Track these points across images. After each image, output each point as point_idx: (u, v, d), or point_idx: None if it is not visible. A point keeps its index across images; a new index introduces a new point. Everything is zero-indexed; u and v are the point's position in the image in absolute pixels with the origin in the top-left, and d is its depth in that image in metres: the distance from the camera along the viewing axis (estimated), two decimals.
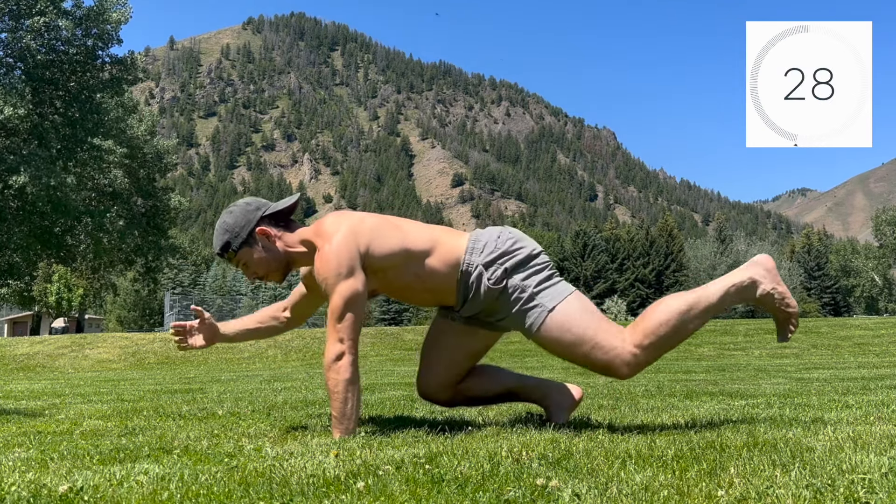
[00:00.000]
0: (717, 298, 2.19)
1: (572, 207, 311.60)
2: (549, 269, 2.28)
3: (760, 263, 2.26)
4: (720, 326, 19.44)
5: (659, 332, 2.15)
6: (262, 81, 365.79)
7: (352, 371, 2.13)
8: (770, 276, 2.23)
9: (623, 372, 2.18)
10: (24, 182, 18.49)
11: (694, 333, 2.30)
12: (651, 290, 53.46)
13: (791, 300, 2.24)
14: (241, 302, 59.60)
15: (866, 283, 63.01)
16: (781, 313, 2.25)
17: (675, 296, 2.23)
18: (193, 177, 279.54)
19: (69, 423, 2.84)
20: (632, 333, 2.18)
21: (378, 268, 2.21)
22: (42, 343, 17.21)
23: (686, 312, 2.17)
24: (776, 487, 1.31)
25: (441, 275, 2.25)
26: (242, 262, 2.33)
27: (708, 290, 2.21)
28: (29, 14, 19.60)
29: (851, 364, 8.30)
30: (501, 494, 1.33)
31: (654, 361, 2.25)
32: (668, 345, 2.19)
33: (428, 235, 2.28)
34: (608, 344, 2.16)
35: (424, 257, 2.24)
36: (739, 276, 2.23)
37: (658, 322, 2.15)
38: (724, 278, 2.25)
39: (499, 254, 2.24)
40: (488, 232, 2.31)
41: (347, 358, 2.13)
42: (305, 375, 7.82)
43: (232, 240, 2.30)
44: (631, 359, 2.16)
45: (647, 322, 2.18)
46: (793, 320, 2.26)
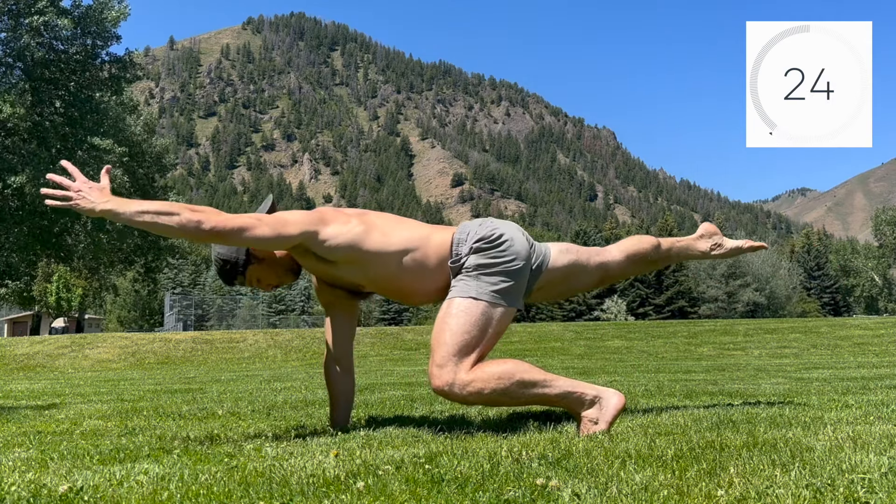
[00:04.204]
0: (555, 393, 2.14)
1: (572, 207, 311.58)
2: (508, 263, 2.24)
3: (613, 405, 2.16)
4: (720, 326, 19.44)
5: (489, 385, 2.09)
6: (261, 81, 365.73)
7: (212, 226, 2.05)
8: (603, 420, 2.14)
9: (435, 383, 2.13)
10: (23, 181, 18.48)
11: (524, 405, 2.25)
12: (651, 290, 53.43)
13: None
14: (241, 302, 59.61)
15: (866, 283, 62.99)
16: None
17: (528, 367, 2.16)
18: (193, 177, 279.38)
19: (69, 423, 2.84)
20: (472, 369, 2.13)
21: (356, 260, 2.22)
22: (42, 343, 17.20)
23: (525, 384, 2.11)
24: (776, 487, 1.31)
25: (433, 268, 2.28)
26: (255, 278, 2.37)
27: (557, 381, 2.15)
28: (28, 13, 19.59)
29: (851, 364, 8.30)
30: (501, 494, 1.33)
31: (472, 404, 2.19)
32: (490, 400, 2.12)
33: (418, 233, 2.30)
34: (451, 358, 2.13)
35: (412, 252, 2.25)
36: (590, 390, 2.16)
37: (497, 376, 2.10)
38: (576, 382, 2.19)
39: (476, 238, 2.27)
40: (472, 223, 2.35)
41: (215, 223, 2.06)
42: (305, 375, 7.82)
43: (235, 266, 2.34)
44: (446, 385, 2.11)
45: (489, 369, 2.12)
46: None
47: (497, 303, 2.21)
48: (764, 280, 49.68)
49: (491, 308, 2.20)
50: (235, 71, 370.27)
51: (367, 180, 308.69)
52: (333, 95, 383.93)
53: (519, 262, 2.25)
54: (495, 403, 2.16)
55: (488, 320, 2.20)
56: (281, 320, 58.55)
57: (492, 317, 2.20)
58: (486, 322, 2.19)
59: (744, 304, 48.94)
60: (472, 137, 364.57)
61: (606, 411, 2.13)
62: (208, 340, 17.68)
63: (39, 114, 20.28)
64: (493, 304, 2.20)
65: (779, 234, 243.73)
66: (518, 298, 2.28)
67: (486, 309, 2.19)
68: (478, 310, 2.19)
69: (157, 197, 27.44)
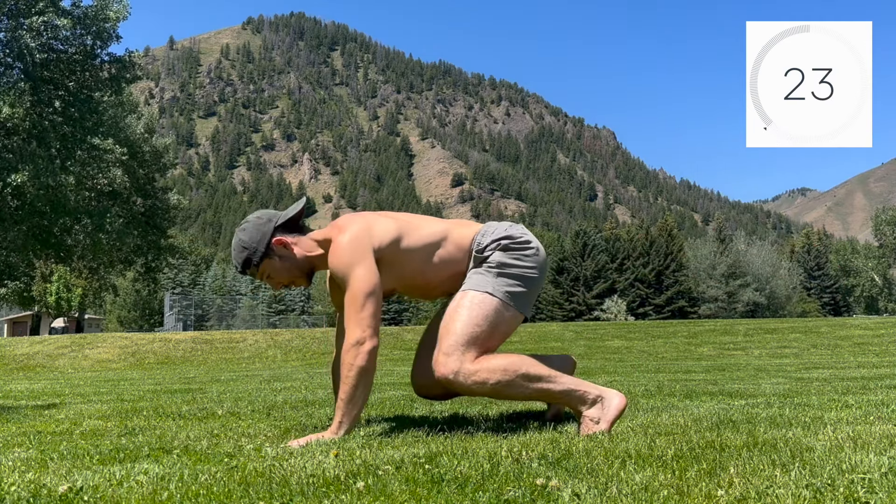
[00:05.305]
0: (559, 389, 2.14)
1: (572, 207, 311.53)
2: (529, 269, 2.27)
3: (615, 406, 2.15)
4: (720, 326, 19.44)
5: (494, 376, 2.10)
6: (261, 81, 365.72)
7: (368, 359, 2.13)
8: (605, 420, 2.13)
9: (441, 371, 2.13)
10: (22, 181, 18.47)
11: (526, 400, 2.26)
12: (651, 289, 53.42)
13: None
14: (241, 302, 59.64)
15: (866, 283, 63.00)
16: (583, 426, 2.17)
17: (534, 362, 2.16)
18: (193, 177, 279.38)
19: (69, 423, 2.84)
20: (478, 359, 2.13)
21: (395, 262, 2.25)
22: (42, 343, 17.20)
23: (530, 378, 2.12)
24: (776, 487, 1.31)
25: (456, 262, 2.31)
26: (266, 274, 2.37)
27: (561, 377, 2.15)
28: (28, 13, 19.57)
29: (851, 364, 8.30)
30: (501, 494, 1.33)
31: (475, 395, 2.19)
32: (494, 391, 2.13)
33: (441, 227, 2.34)
34: (459, 347, 2.13)
35: (438, 249, 2.29)
36: (593, 390, 2.16)
37: (502, 368, 2.11)
38: (580, 380, 2.19)
39: (504, 235, 2.29)
40: (502, 223, 2.38)
41: (368, 344, 2.13)
42: (305, 375, 7.82)
43: (252, 255, 2.34)
44: (451, 374, 2.11)
45: (495, 360, 2.13)
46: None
47: (509, 304, 2.23)
48: (764, 280, 49.68)
49: (503, 307, 2.22)
50: (235, 71, 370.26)
51: (367, 180, 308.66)
52: (333, 95, 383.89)
53: (537, 273, 2.29)
54: (498, 395, 2.16)
55: (499, 318, 2.21)
56: (281, 320, 58.56)
57: (503, 316, 2.22)
58: (497, 319, 2.21)
59: (744, 304, 48.94)
60: (472, 137, 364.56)
61: (608, 411, 2.14)
62: (208, 340, 17.68)
63: (39, 114, 20.26)
64: (505, 304, 2.22)
65: (779, 234, 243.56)
66: (528, 306, 2.30)
67: (499, 306, 2.21)
68: (491, 305, 2.21)
69: (157, 196, 27.45)
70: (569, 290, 54.11)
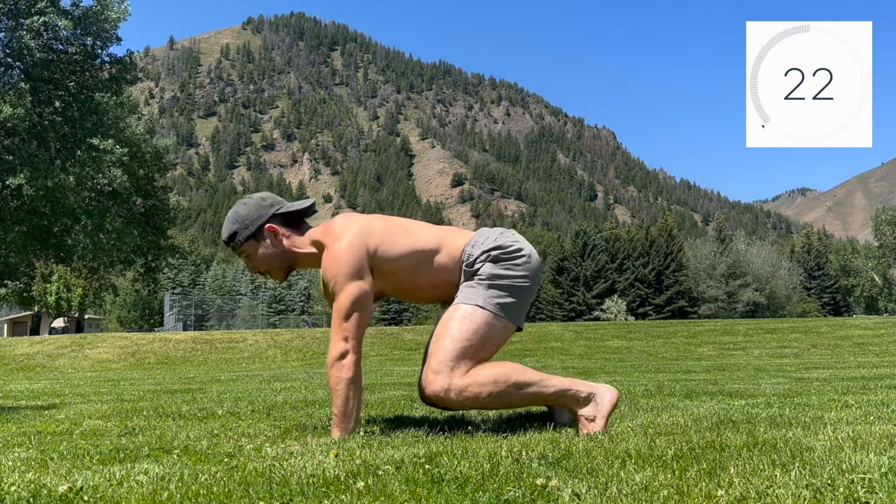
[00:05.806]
0: (550, 392, 2.15)
1: (572, 207, 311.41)
2: (519, 278, 2.25)
3: (608, 401, 2.16)
4: (720, 326, 19.44)
5: (485, 389, 2.10)
6: (261, 81, 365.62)
7: (354, 370, 2.15)
8: (600, 416, 2.14)
9: (431, 389, 2.14)
10: (22, 182, 18.47)
11: (519, 406, 2.27)
12: (651, 289, 53.40)
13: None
14: (241, 302, 59.61)
15: (866, 283, 62.97)
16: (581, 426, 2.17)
17: (523, 368, 2.17)
18: (193, 177, 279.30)
19: (69, 423, 2.84)
20: (468, 373, 2.13)
21: (388, 270, 2.24)
22: (42, 343, 17.20)
23: (520, 385, 2.12)
24: (776, 487, 1.31)
25: (447, 271, 2.29)
26: (246, 253, 2.36)
27: (551, 379, 2.16)
28: (28, 13, 19.57)
29: (851, 364, 8.30)
30: (501, 494, 1.33)
31: (467, 409, 2.23)
32: (487, 404, 2.14)
33: (435, 235, 2.31)
34: (448, 363, 2.14)
35: (433, 256, 2.27)
36: (584, 387, 2.17)
37: (492, 380, 2.11)
38: (570, 379, 2.19)
39: (494, 245, 2.27)
40: (493, 230, 2.36)
41: (351, 357, 2.14)
42: (305, 375, 7.82)
43: (240, 231, 2.33)
44: (442, 391, 2.12)
45: (485, 372, 2.13)
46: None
47: (500, 315, 2.22)
48: (764, 280, 49.65)
49: (494, 319, 2.21)
50: (235, 71, 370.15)
51: (367, 180, 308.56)
52: (333, 95, 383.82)
53: (528, 281, 2.27)
54: (491, 407, 2.17)
55: (490, 330, 2.21)
56: (281, 320, 58.58)
57: (494, 328, 2.21)
58: (488, 332, 2.20)
59: (744, 304, 48.92)
60: (472, 137, 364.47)
61: (602, 407, 2.14)
62: (208, 340, 17.68)
63: (39, 114, 20.26)
64: (496, 316, 2.21)
65: (779, 234, 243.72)
66: (520, 317, 2.29)
67: (490, 319, 2.20)
68: (482, 318, 2.20)
69: (157, 196, 27.43)
70: (569, 290, 54.11)
